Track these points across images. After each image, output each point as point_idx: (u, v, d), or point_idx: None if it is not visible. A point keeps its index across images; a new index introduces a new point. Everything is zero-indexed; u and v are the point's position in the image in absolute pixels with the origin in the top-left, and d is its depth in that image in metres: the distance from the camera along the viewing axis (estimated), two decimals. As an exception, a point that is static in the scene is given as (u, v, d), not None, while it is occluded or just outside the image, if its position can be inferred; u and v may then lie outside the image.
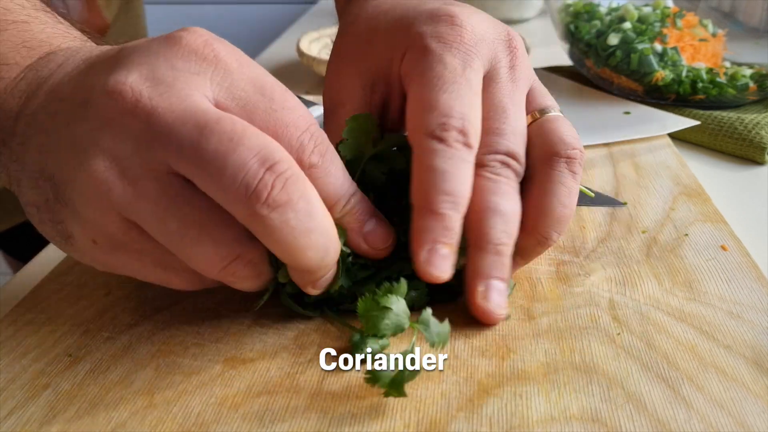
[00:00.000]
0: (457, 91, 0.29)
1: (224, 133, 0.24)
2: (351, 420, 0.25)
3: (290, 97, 0.27)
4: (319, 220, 0.26)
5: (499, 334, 0.30)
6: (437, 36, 0.31)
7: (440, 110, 0.29)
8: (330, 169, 0.27)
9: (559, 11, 0.66)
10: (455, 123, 0.29)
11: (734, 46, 0.62)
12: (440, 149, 0.28)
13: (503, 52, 0.33)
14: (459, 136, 0.29)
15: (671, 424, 0.24)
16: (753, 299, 0.31)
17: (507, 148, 0.31)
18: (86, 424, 0.25)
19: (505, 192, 0.30)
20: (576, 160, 0.31)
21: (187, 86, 0.25)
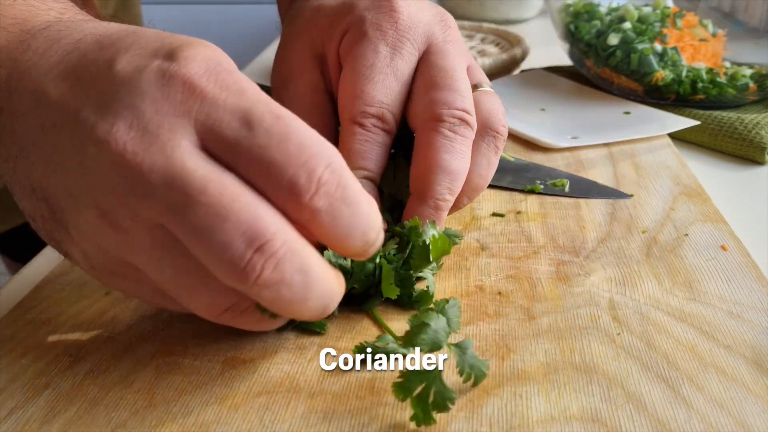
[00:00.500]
0: (382, 81, 0.34)
1: (210, 205, 0.22)
2: (351, 420, 0.25)
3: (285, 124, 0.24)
4: (318, 287, 0.24)
5: (499, 334, 0.30)
6: (375, 23, 0.35)
7: (363, 99, 0.33)
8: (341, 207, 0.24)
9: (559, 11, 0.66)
10: (373, 111, 0.33)
11: (734, 46, 0.62)
12: (358, 132, 0.33)
13: (439, 30, 0.36)
14: (377, 122, 0.33)
15: (671, 424, 0.24)
16: (753, 299, 0.31)
17: (464, 106, 0.33)
18: (86, 424, 0.25)
19: (457, 151, 0.33)
20: (501, 137, 0.35)
21: (174, 134, 0.23)
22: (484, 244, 0.37)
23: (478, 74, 0.37)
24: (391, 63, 0.34)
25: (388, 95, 0.34)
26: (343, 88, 0.34)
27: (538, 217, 0.40)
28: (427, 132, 0.33)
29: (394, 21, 0.35)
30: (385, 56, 0.34)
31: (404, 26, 0.35)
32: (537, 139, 0.51)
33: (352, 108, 0.34)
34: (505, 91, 0.63)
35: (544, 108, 0.59)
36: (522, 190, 0.44)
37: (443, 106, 0.33)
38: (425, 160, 0.32)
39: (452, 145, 0.32)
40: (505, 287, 0.33)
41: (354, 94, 0.34)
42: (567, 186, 0.44)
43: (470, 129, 0.33)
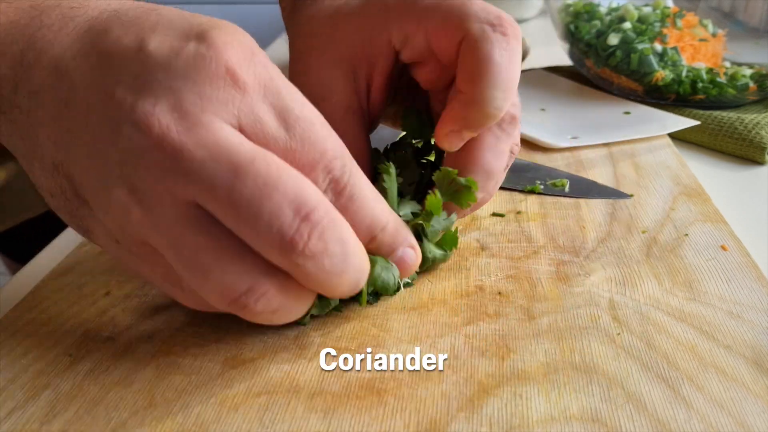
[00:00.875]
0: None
1: (259, 176, 0.23)
2: (351, 420, 0.25)
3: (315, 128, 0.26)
4: (354, 259, 0.25)
5: (499, 334, 0.30)
6: (489, 22, 0.32)
7: (510, 90, 0.32)
8: (361, 204, 0.27)
9: (559, 11, 0.66)
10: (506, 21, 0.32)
11: (734, 46, 0.62)
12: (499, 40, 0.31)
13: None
14: (512, 29, 0.32)
15: (671, 424, 0.24)
16: (753, 299, 0.31)
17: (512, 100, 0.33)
18: (86, 424, 0.25)
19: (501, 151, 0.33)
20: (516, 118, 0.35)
21: (216, 117, 0.24)
22: (484, 244, 0.37)
23: None
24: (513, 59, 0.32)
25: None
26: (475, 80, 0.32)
27: (538, 217, 0.40)
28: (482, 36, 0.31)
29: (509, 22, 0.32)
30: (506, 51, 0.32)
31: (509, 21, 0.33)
32: (537, 139, 0.51)
33: (500, 102, 0.32)
34: (505, 91, 0.63)
35: (544, 108, 0.59)
36: (522, 190, 0.44)
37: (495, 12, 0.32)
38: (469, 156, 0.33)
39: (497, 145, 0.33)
40: (505, 287, 0.33)
41: (496, 83, 0.31)
42: (567, 186, 0.44)
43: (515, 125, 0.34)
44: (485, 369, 0.28)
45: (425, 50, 0.34)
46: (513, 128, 0.33)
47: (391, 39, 0.34)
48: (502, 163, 0.34)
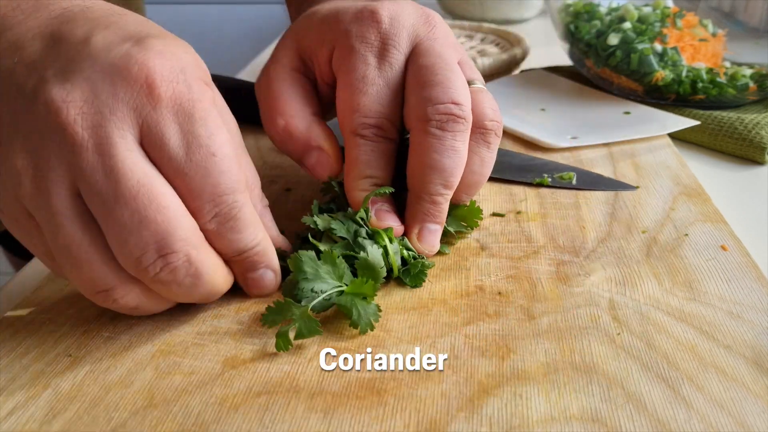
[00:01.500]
0: (376, 92, 0.35)
1: (136, 211, 0.26)
2: (351, 420, 0.25)
3: (215, 159, 0.27)
4: (203, 287, 0.29)
5: (499, 334, 0.30)
6: (359, 35, 0.35)
7: (360, 111, 0.34)
8: (226, 235, 0.29)
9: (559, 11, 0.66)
10: (372, 122, 0.34)
11: (734, 46, 0.62)
12: (361, 143, 0.35)
13: (423, 30, 0.36)
14: (377, 131, 0.35)
15: (671, 424, 0.24)
16: (753, 299, 0.31)
17: (449, 97, 0.33)
18: (86, 424, 0.25)
19: (447, 147, 0.33)
20: (491, 131, 0.36)
21: (120, 126, 0.26)
22: (484, 244, 0.37)
23: (469, 70, 0.37)
24: (381, 72, 0.35)
25: (384, 104, 0.35)
26: (340, 104, 0.36)
27: (538, 217, 0.40)
28: (417, 133, 0.34)
29: (377, 30, 0.35)
30: (375, 66, 0.35)
31: (387, 33, 0.35)
32: (537, 139, 0.51)
33: (351, 122, 0.35)
34: (505, 91, 0.63)
35: (544, 108, 0.59)
36: (531, 183, 0.44)
37: (428, 103, 0.33)
38: (417, 160, 0.34)
39: (441, 143, 0.33)
40: (505, 287, 0.33)
41: (351, 108, 0.35)
42: (574, 179, 0.44)
43: (460, 122, 0.33)
44: (485, 369, 0.28)
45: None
46: (453, 126, 0.33)
47: (329, 59, 0.37)
48: (453, 160, 0.34)
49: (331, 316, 0.32)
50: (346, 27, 0.36)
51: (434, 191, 0.34)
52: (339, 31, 0.36)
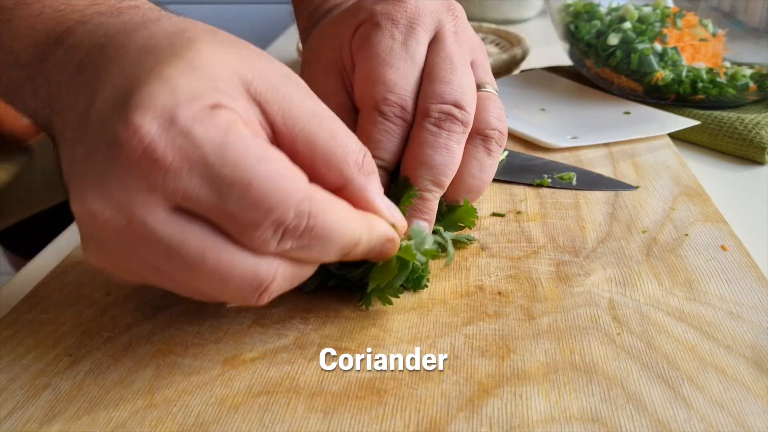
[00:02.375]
0: (403, 67, 0.34)
1: (213, 273, 0.24)
2: (351, 420, 0.25)
3: (252, 189, 0.23)
4: (337, 236, 0.26)
5: (499, 334, 0.30)
6: (385, 14, 0.35)
7: (385, 85, 0.33)
8: (327, 235, 0.25)
9: (559, 11, 0.66)
10: (395, 99, 0.33)
11: (734, 46, 0.62)
12: (379, 121, 0.33)
13: (447, 19, 0.36)
14: (399, 111, 0.34)
15: (671, 425, 0.24)
16: (753, 299, 0.31)
17: (454, 98, 0.33)
18: (86, 424, 0.25)
19: (441, 145, 0.33)
20: (492, 139, 0.35)
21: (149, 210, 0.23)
22: (484, 244, 0.37)
23: (482, 72, 0.37)
24: (408, 48, 0.34)
25: (408, 82, 0.34)
26: (362, 74, 0.34)
27: (538, 217, 0.40)
28: (416, 126, 0.34)
29: (404, 9, 0.35)
30: (401, 42, 0.34)
31: (413, 12, 0.35)
32: (537, 139, 0.51)
33: (374, 93, 0.34)
34: (505, 91, 0.63)
35: (544, 108, 0.59)
36: (531, 184, 0.44)
37: (432, 99, 0.33)
38: (410, 153, 0.34)
39: (436, 140, 0.33)
40: (505, 287, 0.33)
41: (375, 78, 0.34)
42: (574, 179, 0.45)
43: (457, 124, 0.33)
44: (485, 369, 0.28)
45: None
46: (449, 125, 0.33)
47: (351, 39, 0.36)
48: (444, 158, 0.33)
49: (331, 315, 0.32)
50: (370, 7, 0.36)
51: (423, 186, 0.34)
52: (362, 11, 0.36)
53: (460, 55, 0.35)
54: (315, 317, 0.31)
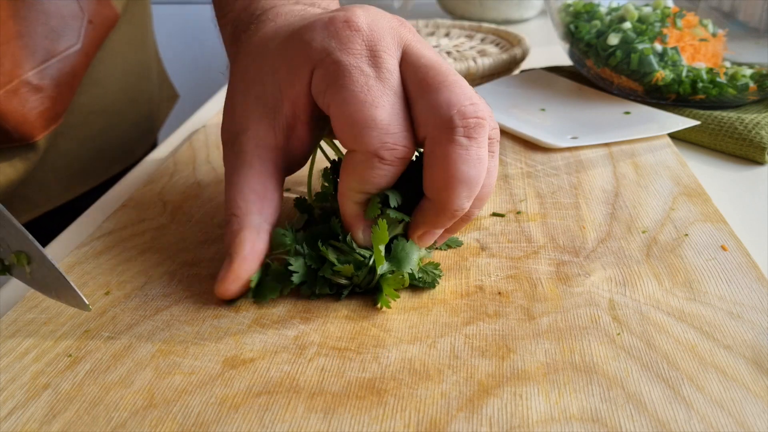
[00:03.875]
0: (389, 103, 0.31)
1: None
2: (351, 420, 0.25)
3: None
4: None
5: (499, 334, 0.30)
6: (343, 48, 0.32)
7: (379, 128, 0.31)
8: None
9: (559, 11, 0.66)
10: (393, 141, 0.31)
11: (734, 46, 0.62)
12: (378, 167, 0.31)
13: (404, 32, 0.33)
14: (398, 153, 0.31)
15: (671, 425, 0.24)
16: (753, 299, 0.31)
17: (471, 101, 0.30)
18: (86, 424, 0.25)
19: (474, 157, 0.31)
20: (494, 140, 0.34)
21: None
22: (484, 244, 0.37)
23: None
24: (383, 79, 0.31)
25: (398, 116, 0.31)
26: (343, 119, 0.31)
27: (538, 217, 0.40)
28: (439, 142, 0.31)
29: (360, 38, 0.32)
30: (374, 76, 0.31)
31: (371, 39, 0.32)
32: (537, 139, 0.51)
33: (369, 140, 0.31)
34: (505, 91, 0.63)
35: (544, 108, 0.59)
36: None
37: (451, 108, 0.30)
38: (441, 172, 0.31)
39: (468, 153, 0.30)
40: (505, 287, 0.33)
41: (365, 124, 0.31)
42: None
43: (485, 127, 0.31)
44: (485, 369, 0.28)
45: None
46: (479, 132, 0.31)
47: (308, 85, 0.33)
48: (479, 170, 0.31)
49: (331, 316, 0.32)
50: (320, 44, 0.32)
51: (459, 205, 0.31)
52: (313, 50, 0.32)
53: (438, 59, 0.33)
54: (315, 317, 0.32)
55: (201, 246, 0.38)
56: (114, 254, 0.38)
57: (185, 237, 0.39)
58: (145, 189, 0.46)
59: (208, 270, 0.36)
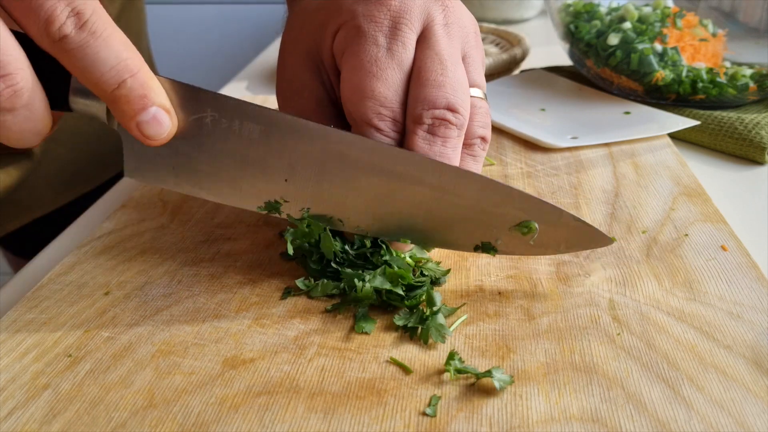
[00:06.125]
0: (391, 76, 0.33)
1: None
2: (351, 420, 0.25)
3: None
4: (36, 123, 0.28)
5: (499, 334, 0.30)
6: (367, 14, 0.33)
7: (375, 99, 0.32)
8: (90, 41, 0.27)
9: (559, 11, 0.66)
10: (388, 113, 0.32)
11: (734, 46, 0.62)
12: (376, 135, 0.33)
13: (436, 11, 0.34)
14: (392, 124, 0.33)
15: (671, 425, 0.24)
16: (753, 299, 0.31)
17: (446, 102, 0.32)
18: (86, 424, 0.25)
19: (436, 153, 0.32)
20: (474, 145, 0.35)
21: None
22: (484, 244, 0.37)
23: (472, 71, 0.35)
24: (393, 54, 0.33)
25: (399, 91, 0.33)
26: (350, 87, 0.33)
27: (538, 217, 0.40)
28: (408, 132, 0.32)
29: (387, 8, 0.33)
30: (386, 48, 0.33)
31: (398, 11, 0.33)
32: (537, 139, 0.51)
33: (365, 109, 0.32)
34: (505, 91, 0.63)
35: (544, 108, 0.59)
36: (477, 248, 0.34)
37: (424, 104, 0.32)
38: None
39: (431, 148, 0.32)
40: (505, 287, 0.33)
41: (364, 93, 0.32)
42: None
43: (452, 129, 0.32)
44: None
45: None
46: (444, 132, 0.32)
47: (332, 43, 0.34)
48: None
49: (331, 315, 0.32)
50: (350, 7, 0.34)
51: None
52: (342, 11, 0.34)
53: (450, 52, 0.33)
54: (315, 317, 0.32)
55: (201, 246, 0.38)
56: (114, 254, 0.38)
57: (185, 237, 0.39)
58: (145, 189, 0.46)
59: (208, 270, 0.36)
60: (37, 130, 0.29)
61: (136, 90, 0.28)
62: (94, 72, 0.27)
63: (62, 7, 0.27)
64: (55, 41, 0.27)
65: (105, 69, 0.27)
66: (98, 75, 0.27)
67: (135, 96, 0.28)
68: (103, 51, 0.27)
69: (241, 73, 0.84)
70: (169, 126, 0.30)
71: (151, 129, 0.29)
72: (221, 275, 0.35)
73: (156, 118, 0.29)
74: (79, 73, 0.28)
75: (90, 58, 0.27)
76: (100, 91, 0.28)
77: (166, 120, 0.30)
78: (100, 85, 0.28)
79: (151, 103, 0.29)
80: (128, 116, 0.29)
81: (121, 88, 0.28)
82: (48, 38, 0.27)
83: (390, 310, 0.32)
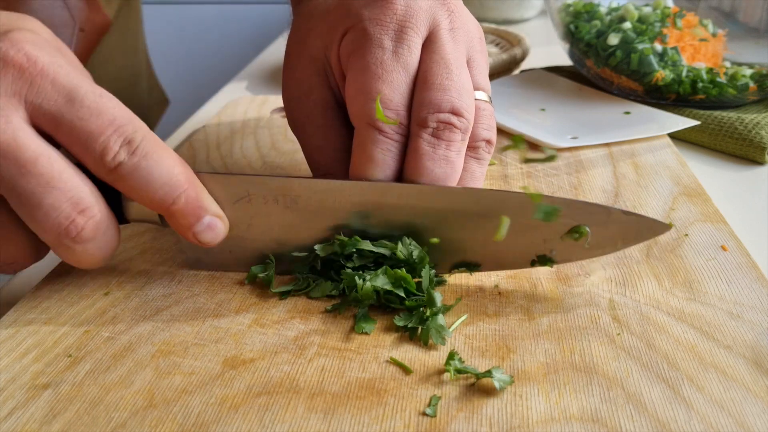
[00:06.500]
0: (396, 79, 0.33)
1: (41, 176, 0.28)
2: (351, 420, 0.25)
3: (103, 101, 0.29)
4: (110, 245, 0.31)
5: (499, 334, 0.30)
6: (373, 18, 0.33)
7: (381, 102, 0.32)
8: (142, 164, 0.29)
9: (559, 11, 0.66)
10: (393, 115, 0.32)
11: (734, 46, 0.62)
12: (380, 139, 0.33)
13: (441, 15, 0.34)
14: (397, 128, 0.33)
15: (671, 425, 0.24)
16: (753, 299, 0.31)
17: (451, 106, 0.32)
18: (86, 424, 0.25)
19: (440, 157, 0.32)
20: (479, 148, 0.35)
21: (7, 111, 0.28)
22: (484, 244, 0.37)
23: (477, 74, 0.35)
24: (399, 57, 0.33)
25: (403, 94, 0.33)
26: (354, 89, 0.33)
27: (538, 217, 0.40)
28: (413, 135, 0.32)
29: (393, 12, 0.33)
30: (392, 51, 0.33)
31: (403, 15, 0.33)
32: (537, 139, 0.51)
33: (370, 111, 0.32)
34: (505, 91, 0.63)
35: (544, 108, 0.59)
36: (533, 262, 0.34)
37: (429, 108, 0.32)
38: (409, 166, 0.33)
39: (435, 151, 0.32)
40: (505, 287, 0.33)
41: (369, 95, 0.32)
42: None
43: (456, 132, 0.32)
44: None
45: None
46: (448, 135, 0.32)
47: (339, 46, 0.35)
48: (445, 170, 0.32)
49: (331, 315, 0.32)
50: (357, 11, 0.34)
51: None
52: (350, 15, 0.34)
53: (455, 56, 0.33)
54: (315, 317, 0.32)
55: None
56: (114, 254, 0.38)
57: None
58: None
59: (208, 270, 0.36)
60: (112, 250, 0.31)
61: (190, 203, 0.31)
62: (149, 191, 0.30)
63: (115, 139, 0.29)
64: (111, 170, 0.29)
65: (158, 186, 0.30)
66: (152, 193, 0.30)
67: (189, 210, 0.31)
68: (155, 170, 0.29)
69: (241, 73, 0.84)
70: (223, 230, 0.32)
71: (206, 236, 0.32)
72: (221, 275, 0.35)
73: (210, 226, 0.32)
74: (135, 195, 0.30)
75: (144, 179, 0.29)
76: (156, 208, 0.30)
77: (220, 225, 0.32)
78: (155, 202, 0.30)
79: (204, 213, 0.31)
80: (184, 228, 0.31)
81: (176, 203, 0.30)
82: (104, 168, 0.29)
83: (390, 311, 0.32)
